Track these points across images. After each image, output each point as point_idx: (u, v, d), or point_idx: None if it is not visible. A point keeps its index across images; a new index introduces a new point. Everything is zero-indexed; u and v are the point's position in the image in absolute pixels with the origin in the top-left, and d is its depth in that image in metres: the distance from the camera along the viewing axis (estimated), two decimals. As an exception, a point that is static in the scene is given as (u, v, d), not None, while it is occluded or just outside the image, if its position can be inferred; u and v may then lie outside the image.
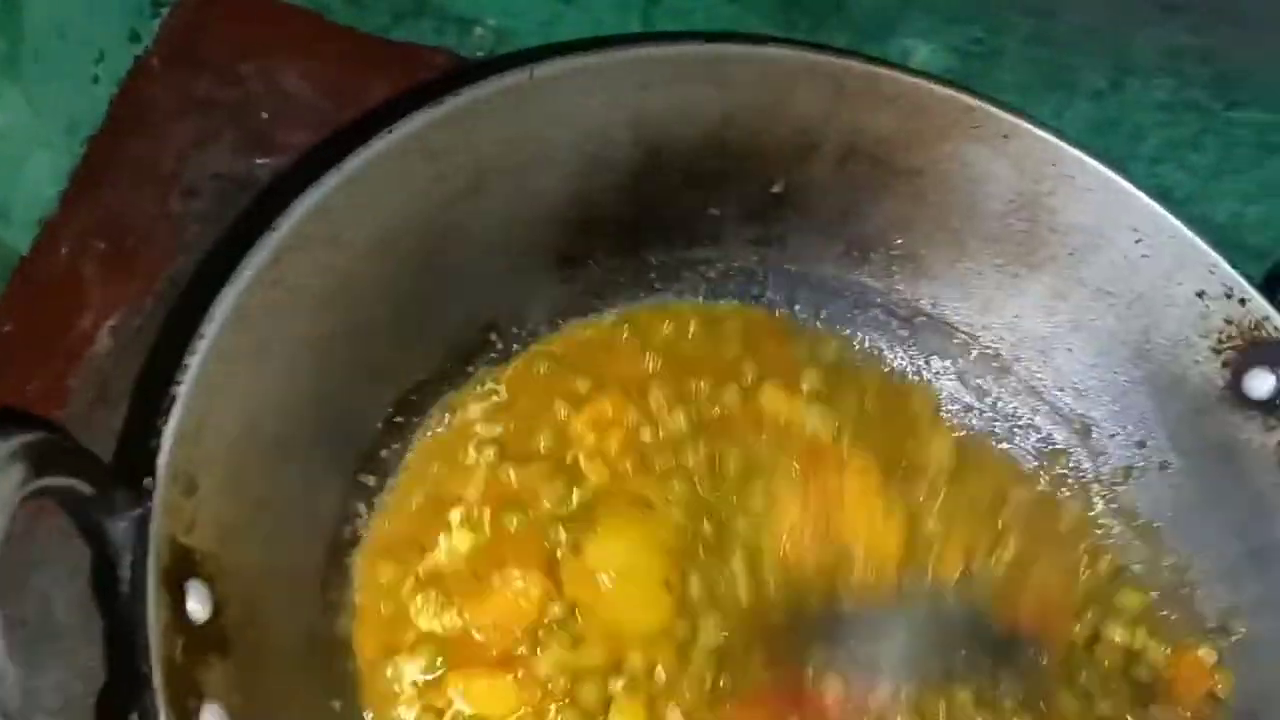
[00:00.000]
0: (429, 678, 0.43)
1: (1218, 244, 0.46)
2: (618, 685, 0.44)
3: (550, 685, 0.44)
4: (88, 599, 0.47)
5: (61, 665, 0.47)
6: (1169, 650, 0.47)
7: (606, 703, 0.44)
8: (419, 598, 0.44)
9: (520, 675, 0.44)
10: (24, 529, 0.48)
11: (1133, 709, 0.47)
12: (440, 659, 0.44)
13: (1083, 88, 0.54)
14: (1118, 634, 0.47)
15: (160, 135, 0.58)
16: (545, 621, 0.45)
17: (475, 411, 0.48)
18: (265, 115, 0.59)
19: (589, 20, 0.58)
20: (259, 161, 0.58)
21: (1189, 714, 0.47)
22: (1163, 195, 0.47)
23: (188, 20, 0.60)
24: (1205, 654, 0.47)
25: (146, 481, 0.34)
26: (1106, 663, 0.47)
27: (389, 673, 0.43)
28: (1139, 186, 0.46)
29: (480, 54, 0.61)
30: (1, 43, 0.49)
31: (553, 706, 0.44)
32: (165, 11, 0.59)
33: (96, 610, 0.46)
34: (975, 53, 0.54)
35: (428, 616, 0.44)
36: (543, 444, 0.48)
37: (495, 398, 0.48)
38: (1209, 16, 0.50)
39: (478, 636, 0.44)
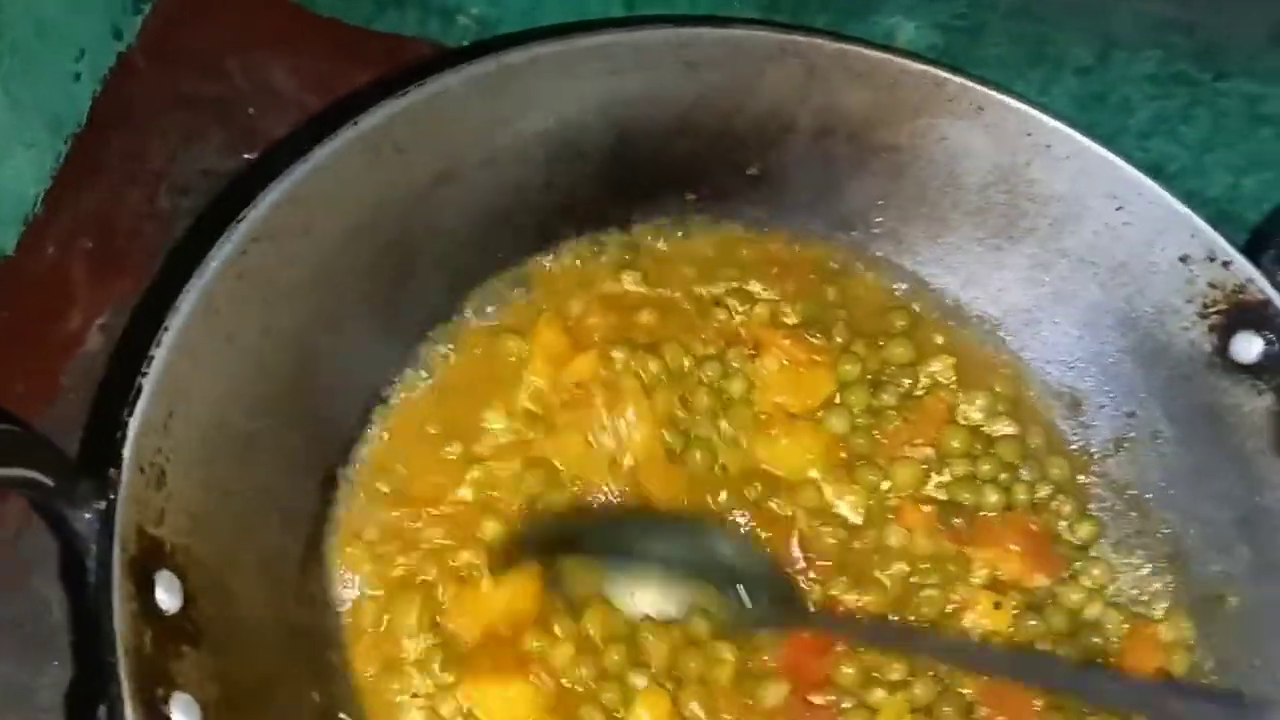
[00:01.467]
0: (436, 684, 0.42)
1: (1212, 219, 0.45)
2: (639, 681, 0.43)
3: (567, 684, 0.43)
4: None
5: (59, 664, 0.47)
6: (1125, 623, 0.47)
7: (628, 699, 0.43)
8: (407, 603, 0.44)
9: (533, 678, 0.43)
10: (17, 530, 0.49)
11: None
12: (443, 667, 0.43)
13: (1068, 62, 0.53)
14: (1075, 604, 0.47)
15: (146, 132, 0.58)
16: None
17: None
18: (252, 110, 0.59)
19: (572, 7, 0.58)
20: (247, 157, 0.58)
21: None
22: (1154, 170, 0.46)
23: (171, 16, 0.60)
24: (1163, 629, 0.47)
25: (111, 473, 0.34)
26: (1054, 624, 0.46)
27: (394, 685, 0.43)
28: (1120, 155, 0.46)
29: (464, 43, 0.61)
30: (-21, 41, 0.49)
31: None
32: (148, 8, 0.59)
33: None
34: (959, 29, 0.54)
35: (418, 622, 0.43)
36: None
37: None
38: (1192, -13, 0.49)
39: (469, 638, 0.43)
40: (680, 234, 0.51)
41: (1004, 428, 0.49)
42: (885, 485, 0.48)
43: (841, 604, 0.45)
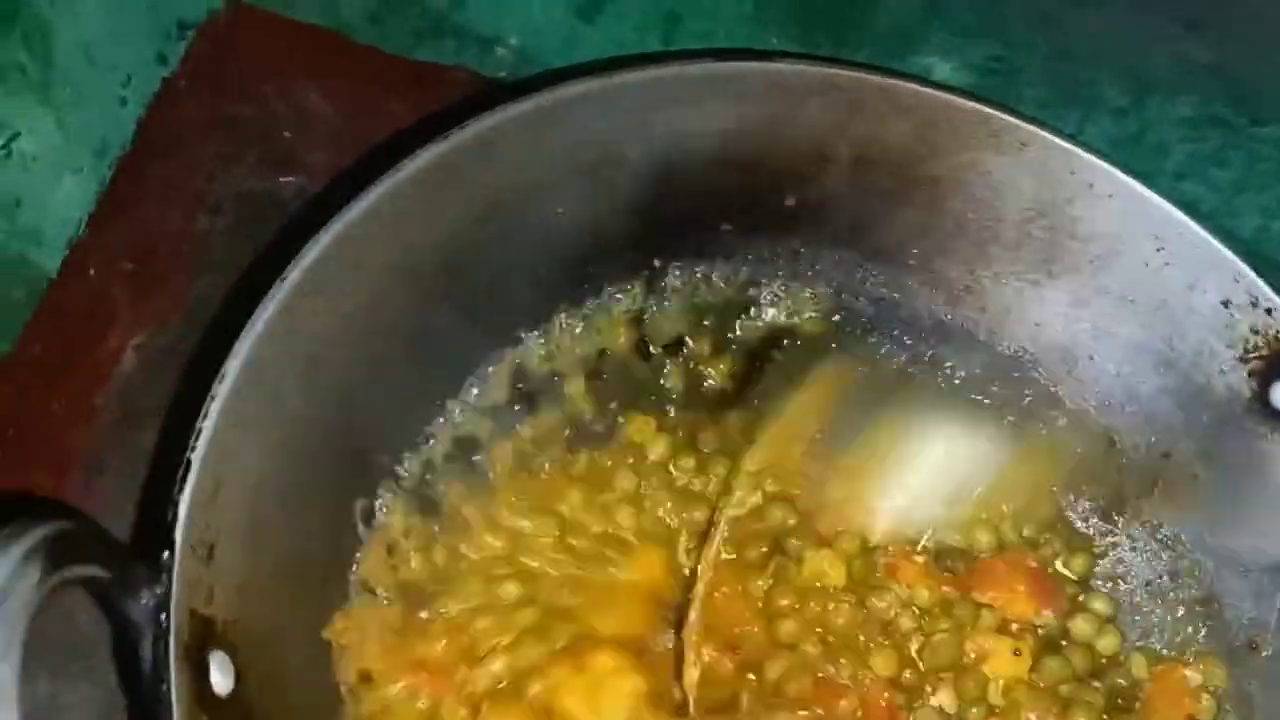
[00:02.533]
0: None
1: (1244, 258, 0.45)
2: None
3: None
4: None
5: (89, 681, 0.47)
6: (1154, 665, 0.47)
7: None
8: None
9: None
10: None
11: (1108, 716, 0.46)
12: None
13: (1104, 104, 0.54)
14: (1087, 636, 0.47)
15: (186, 155, 0.59)
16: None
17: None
18: (288, 134, 0.60)
19: (610, 39, 0.59)
20: (282, 180, 0.59)
21: None
22: (1188, 209, 0.46)
23: (213, 42, 0.61)
24: (1190, 674, 0.46)
25: (165, 557, 0.34)
26: (1076, 664, 0.46)
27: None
28: (1160, 195, 0.46)
29: (502, 73, 0.61)
30: (33, 68, 0.50)
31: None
32: (191, 34, 0.60)
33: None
34: (995, 70, 0.54)
35: None
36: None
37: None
38: (1228, 34, 0.50)
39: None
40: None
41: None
42: (872, 542, 0.48)
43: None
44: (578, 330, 0.50)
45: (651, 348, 0.51)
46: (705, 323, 0.52)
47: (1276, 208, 0.55)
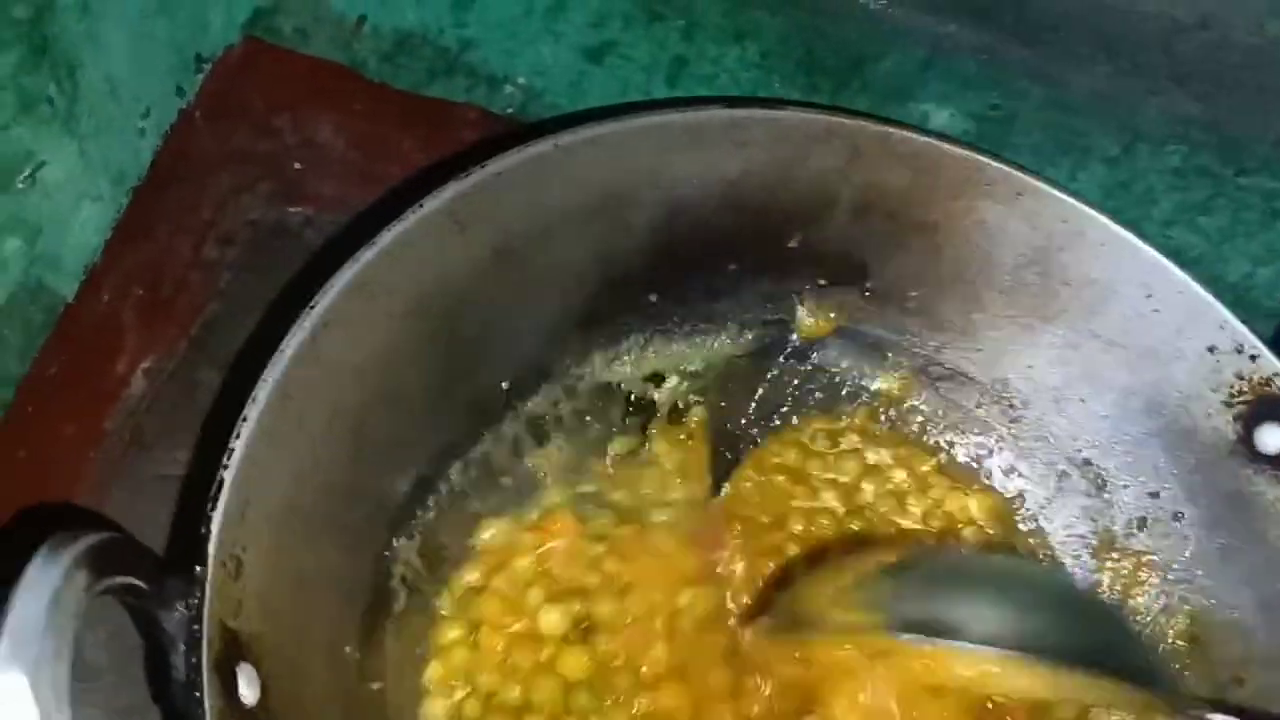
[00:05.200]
0: None
1: (1230, 304, 0.47)
2: None
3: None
4: (117, 640, 0.47)
5: (99, 706, 0.47)
6: None
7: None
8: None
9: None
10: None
11: None
12: None
13: (1096, 153, 0.55)
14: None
15: (200, 185, 0.60)
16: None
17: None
18: (299, 166, 0.61)
19: (616, 81, 0.60)
20: (291, 210, 0.60)
21: None
22: (1175, 256, 0.47)
23: (229, 76, 0.62)
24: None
25: (198, 571, 0.35)
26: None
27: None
28: (1149, 244, 0.47)
29: (510, 110, 0.63)
30: (60, 100, 0.51)
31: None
32: (208, 67, 0.62)
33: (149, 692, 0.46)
34: (991, 118, 0.56)
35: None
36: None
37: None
38: (1216, 87, 0.51)
39: None
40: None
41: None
42: None
43: None
44: (586, 366, 0.51)
45: (659, 382, 0.53)
46: (709, 360, 0.53)
47: (1262, 255, 0.56)
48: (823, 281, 0.52)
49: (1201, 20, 0.49)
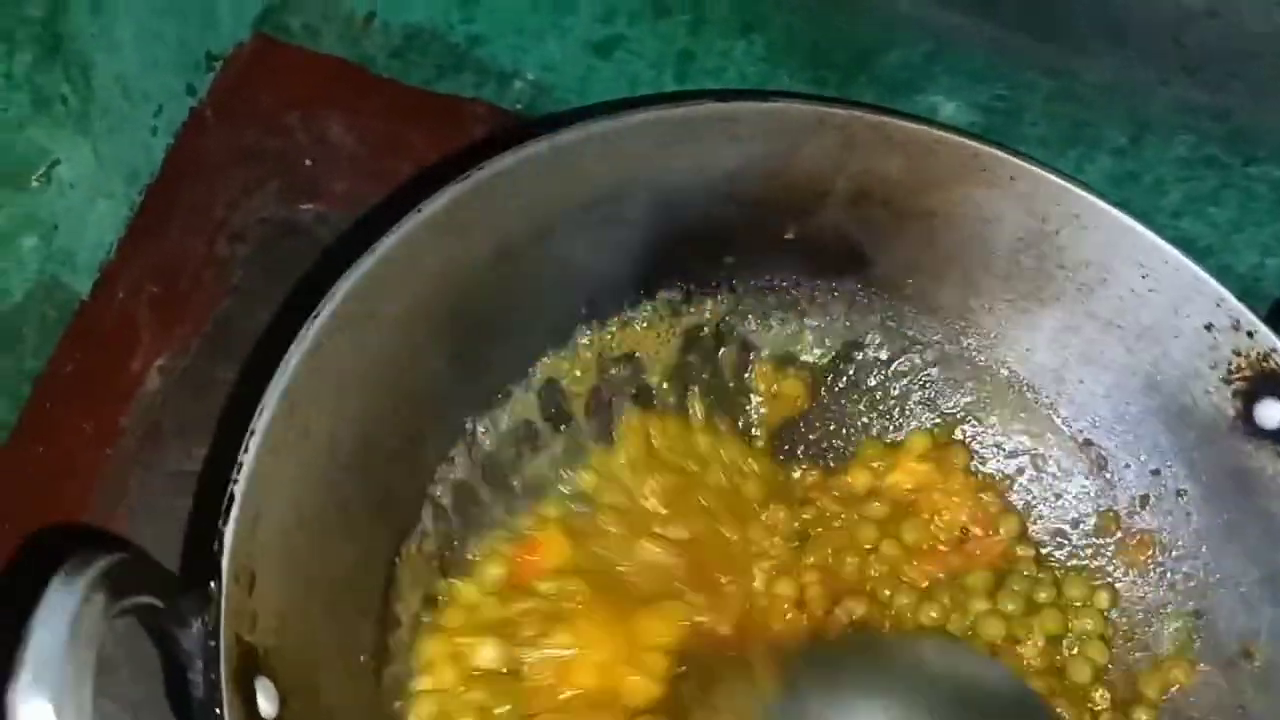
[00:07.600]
0: None
1: (1238, 293, 0.47)
2: None
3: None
4: (131, 636, 0.48)
5: (110, 698, 0.48)
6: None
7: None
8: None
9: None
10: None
11: None
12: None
13: (1104, 143, 0.55)
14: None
15: (211, 182, 0.60)
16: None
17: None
18: (310, 163, 0.62)
19: (624, 76, 0.61)
20: (303, 207, 0.61)
21: None
22: (1185, 245, 0.47)
23: (239, 73, 0.63)
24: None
25: (212, 587, 0.35)
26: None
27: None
28: (1145, 225, 0.47)
29: (519, 106, 0.63)
30: (74, 99, 0.51)
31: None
32: (219, 65, 0.62)
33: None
34: (999, 109, 0.56)
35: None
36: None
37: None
38: (1224, 77, 0.51)
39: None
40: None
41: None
42: None
43: None
44: (588, 360, 0.51)
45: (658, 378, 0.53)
46: (706, 352, 0.53)
47: (1272, 245, 0.56)
48: (819, 273, 0.52)
49: (1210, 9, 0.49)
